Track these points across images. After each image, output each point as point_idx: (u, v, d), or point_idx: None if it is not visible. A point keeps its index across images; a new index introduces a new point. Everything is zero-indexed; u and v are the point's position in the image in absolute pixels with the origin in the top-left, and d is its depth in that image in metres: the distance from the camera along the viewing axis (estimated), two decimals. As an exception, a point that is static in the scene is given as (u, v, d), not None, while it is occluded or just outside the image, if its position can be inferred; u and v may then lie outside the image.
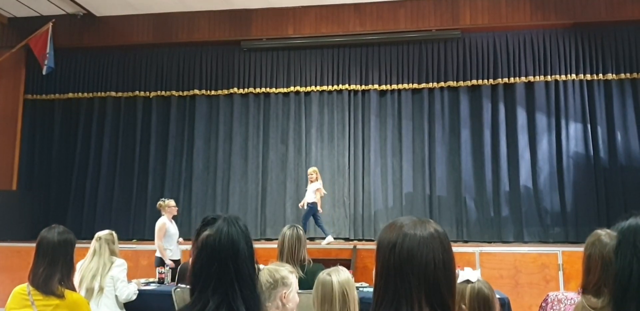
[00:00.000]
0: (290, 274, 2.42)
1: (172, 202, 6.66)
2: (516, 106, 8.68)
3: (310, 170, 8.00)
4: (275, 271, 2.39)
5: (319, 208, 7.85)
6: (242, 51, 9.37)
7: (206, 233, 1.61)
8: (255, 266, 1.63)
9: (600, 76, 8.55)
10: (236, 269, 1.56)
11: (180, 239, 6.68)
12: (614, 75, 8.52)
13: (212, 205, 9.06)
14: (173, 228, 6.58)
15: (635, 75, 8.46)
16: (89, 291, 4.28)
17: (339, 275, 2.61)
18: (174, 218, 6.77)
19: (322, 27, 9.06)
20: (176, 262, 6.30)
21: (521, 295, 6.67)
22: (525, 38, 8.77)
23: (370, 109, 9.02)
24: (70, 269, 2.87)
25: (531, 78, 8.68)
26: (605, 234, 2.16)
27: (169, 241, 6.45)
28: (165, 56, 9.55)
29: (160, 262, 6.23)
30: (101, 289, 4.32)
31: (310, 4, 9.00)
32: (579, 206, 8.28)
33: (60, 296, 2.75)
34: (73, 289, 2.88)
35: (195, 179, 9.13)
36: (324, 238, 8.00)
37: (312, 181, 7.86)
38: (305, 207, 7.81)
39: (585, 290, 2.13)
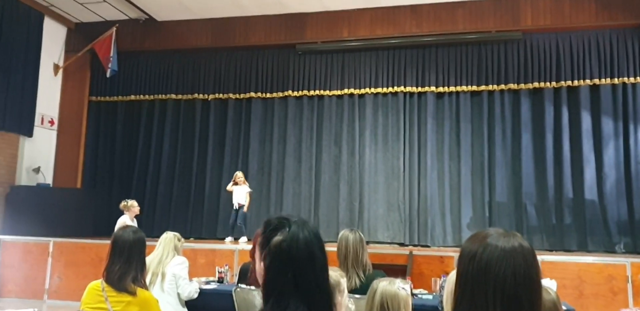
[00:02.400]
0: (342, 279, 2.38)
1: (135, 202, 7.23)
2: (580, 109, 8.36)
3: (239, 174, 8.45)
4: (330, 277, 2.34)
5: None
6: (297, 54, 9.44)
7: (279, 238, 1.57)
8: (327, 272, 1.59)
9: (672, 77, 8.14)
10: (314, 276, 1.52)
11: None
12: (685, 76, 8.08)
13: (267, 206, 9.15)
14: None
15: None
16: (155, 275, 4.40)
17: (387, 286, 2.52)
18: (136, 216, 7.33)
19: (377, 29, 9.01)
20: None
21: (586, 306, 6.39)
22: (590, 39, 8.45)
23: (427, 111, 8.89)
24: (143, 267, 2.95)
25: (597, 81, 8.35)
26: None
27: None
28: (222, 60, 9.74)
29: None
30: (164, 274, 4.43)
31: (366, 7, 8.96)
32: (648, 215, 7.89)
33: (133, 293, 2.82)
34: (145, 287, 2.95)
35: (250, 179, 9.20)
36: (377, 242, 7.94)
37: (241, 184, 8.36)
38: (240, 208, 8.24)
39: None
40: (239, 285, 4.31)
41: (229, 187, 8.45)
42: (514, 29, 8.55)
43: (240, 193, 8.34)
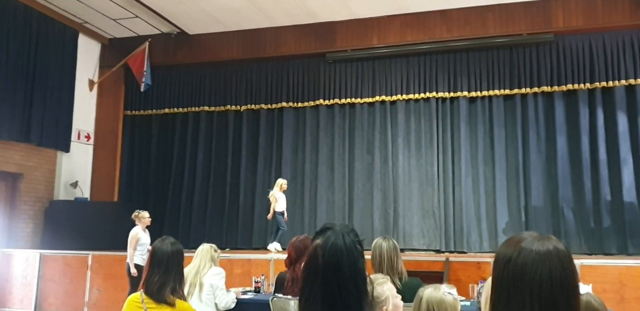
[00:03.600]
0: (393, 288, 2.39)
1: (146, 213, 7.25)
2: (616, 110, 8.19)
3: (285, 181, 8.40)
4: (379, 285, 2.36)
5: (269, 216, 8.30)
6: (327, 63, 9.50)
7: (317, 242, 1.61)
8: (366, 285, 1.59)
9: None
10: (339, 285, 1.53)
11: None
12: None
13: (301, 215, 9.19)
14: (145, 238, 7.09)
15: None
16: (192, 286, 4.48)
17: (433, 292, 2.52)
18: (148, 227, 7.31)
19: (407, 35, 9.01)
20: (138, 267, 6.72)
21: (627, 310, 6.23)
22: (624, 39, 8.29)
23: (460, 116, 8.84)
24: (181, 278, 3.00)
25: (632, 81, 8.17)
26: None
27: (141, 249, 6.95)
28: (254, 71, 9.87)
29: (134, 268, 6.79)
30: (201, 285, 4.51)
31: (395, 13, 8.97)
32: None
33: (172, 304, 2.87)
34: (183, 298, 3.00)
35: (284, 189, 9.31)
36: (413, 250, 7.89)
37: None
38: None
39: None
40: (276, 294, 4.36)
41: (278, 194, 8.35)
42: (546, 31, 8.44)
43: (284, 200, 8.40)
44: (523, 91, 8.57)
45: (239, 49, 9.76)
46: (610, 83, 8.25)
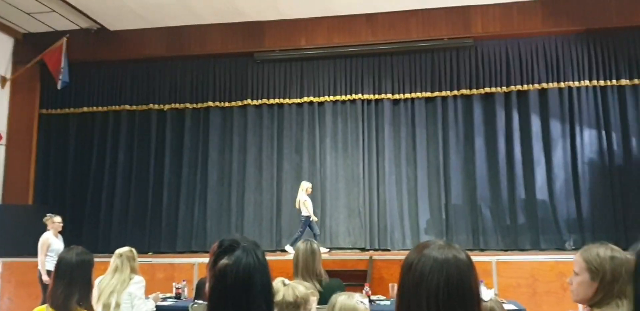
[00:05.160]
0: (312, 297, 2.41)
1: (58, 218, 7.01)
2: (530, 113, 8.66)
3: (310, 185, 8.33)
4: (298, 291, 2.38)
5: (312, 218, 8.20)
6: (255, 63, 9.43)
7: (224, 262, 1.59)
8: (270, 295, 1.61)
9: (614, 81, 8.53)
10: (248, 302, 1.54)
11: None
12: (627, 80, 8.49)
13: (227, 217, 9.08)
14: (57, 243, 6.87)
15: (648, 80, 8.40)
16: (106, 307, 4.29)
17: (346, 300, 2.57)
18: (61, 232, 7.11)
19: (335, 38, 9.10)
20: (50, 273, 6.51)
21: (539, 304, 6.59)
22: (537, 45, 8.75)
23: (384, 118, 9.04)
24: (88, 289, 2.87)
25: (544, 85, 8.65)
26: (609, 248, 2.10)
27: (53, 255, 6.69)
28: (178, 69, 9.64)
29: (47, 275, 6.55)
30: (117, 305, 4.33)
31: (322, 15, 9.03)
32: (596, 212, 8.23)
33: None
34: (91, 309, 2.89)
35: (210, 190, 9.16)
36: (339, 248, 8.00)
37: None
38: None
39: (595, 305, 2.08)
40: (196, 300, 4.29)
41: (306, 198, 8.22)
42: (465, 36, 8.78)
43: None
44: (443, 93, 8.88)
45: (163, 46, 9.50)
46: (525, 87, 8.69)
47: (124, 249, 4.57)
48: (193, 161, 9.43)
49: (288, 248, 8.06)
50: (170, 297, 5.28)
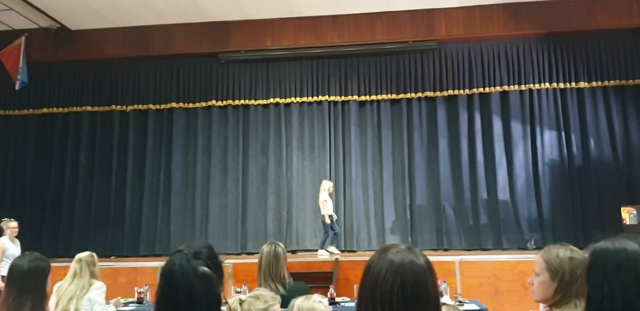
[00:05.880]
0: (275, 306, 2.38)
1: (13, 222, 6.88)
2: (492, 114, 8.82)
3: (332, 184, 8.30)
4: (255, 309, 2.33)
5: (326, 220, 8.05)
6: (220, 63, 9.34)
7: (167, 266, 1.56)
8: (218, 307, 1.56)
9: (573, 84, 8.75)
10: (189, 307, 1.50)
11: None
12: (585, 83, 8.71)
13: (192, 220, 8.95)
14: (13, 248, 6.74)
15: (606, 83, 8.67)
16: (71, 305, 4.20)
17: (304, 302, 2.56)
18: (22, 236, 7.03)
19: (301, 39, 9.09)
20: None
21: (501, 303, 6.72)
22: (499, 48, 8.93)
23: (350, 119, 9.08)
24: (42, 297, 2.77)
25: (506, 87, 8.83)
26: (568, 249, 2.15)
27: (8, 261, 6.53)
28: (141, 69, 9.48)
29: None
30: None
31: (288, 16, 9.01)
32: (556, 212, 8.43)
33: None
34: (46, 315, 2.82)
35: (174, 193, 9.03)
36: (305, 251, 8.00)
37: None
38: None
39: (556, 305, 2.13)
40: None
41: (327, 198, 8.12)
42: (430, 39, 8.88)
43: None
44: (408, 95, 8.98)
45: (126, 46, 9.32)
46: (487, 89, 8.85)
47: (84, 254, 4.48)
48: (156, 163, 9.27)
49: (321, 252, 7.97)
50: (132, 302, 5.20)
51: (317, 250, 8.63)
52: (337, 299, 5.17)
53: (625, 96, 8.68)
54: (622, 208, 7.76)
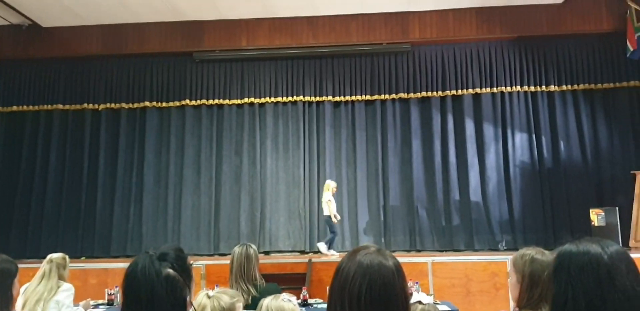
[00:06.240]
0: (238, 304, 2.39)
1: None
2: (464, 117, 8.93)
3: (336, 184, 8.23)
4: (223, 302, 2.34)
5: (332, 219, 8.02)
6: (194, 63, 9.27)
7: (131, 266, 1.54)
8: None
9: (544, 87, 8.92)
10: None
11: None
12: (556, 87, 8.89)
13: (164, 220, 8.86)
14: None
15: (575, 86, 8.86)
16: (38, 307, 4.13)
17: (272, 301, 2.58)
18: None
19: (276, 39, 9.08)
20: None
21: (473, 303, 6.81)
22: (472, 51, 9.04)
23: (325, 120, 9.10)
24: (8, 300, 2.72)
25: (478, 90, 8.95)
26: (538, 252, 2.21)
27: None
28: (114, 68, 9.35)
29: None
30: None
31: (264, 17, 9.00)
32: (526, 213, 8.58)
33: None
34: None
35: (146, 193, 8.92)
36: (279, 252, 8.00)
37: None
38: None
39: (523, 307, 2.18)
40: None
41: (331, 197, 8.04)
42: (403, 41, 8.95)
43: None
44: (382, 97, 9.04)
45: (99, 44, 9.19)
46: (460, 92, 8.96)
47: (57, 255, 4.41)
48: (128, 163, 9.15)
49: (330, 252, 7.93)
50: (102, 304, 5.13)
51: (290, 251, 8.66)
52: (310, 300, 5.18)
53: (594, 99, 8.88)
54: (590, 210, 7.96)
